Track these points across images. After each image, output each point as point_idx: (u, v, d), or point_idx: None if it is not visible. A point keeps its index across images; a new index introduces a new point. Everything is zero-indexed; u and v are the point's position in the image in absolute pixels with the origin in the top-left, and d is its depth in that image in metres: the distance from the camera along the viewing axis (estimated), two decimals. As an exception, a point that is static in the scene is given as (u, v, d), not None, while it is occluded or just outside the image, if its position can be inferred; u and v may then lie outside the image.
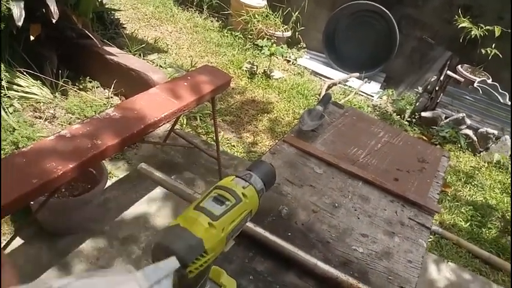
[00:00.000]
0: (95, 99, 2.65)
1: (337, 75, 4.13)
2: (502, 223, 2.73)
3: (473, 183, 3.02)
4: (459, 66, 4.07)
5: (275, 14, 4.35)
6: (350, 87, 4.02)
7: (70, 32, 2.62)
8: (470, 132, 3.44)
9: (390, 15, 3.91)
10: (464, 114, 3.49)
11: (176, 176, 2.36)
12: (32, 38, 2.29)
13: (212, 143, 2.67)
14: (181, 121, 2.77)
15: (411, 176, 1.37)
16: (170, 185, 1.01)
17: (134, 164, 2.33)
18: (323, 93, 3.31)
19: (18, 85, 2.42)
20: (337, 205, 1.15)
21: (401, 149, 1.53)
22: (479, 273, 2.33)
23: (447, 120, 3.53)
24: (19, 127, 2.18)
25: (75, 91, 2.66)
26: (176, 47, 3.81)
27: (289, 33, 4.34)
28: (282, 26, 4.32)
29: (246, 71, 3.69)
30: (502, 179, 3.16)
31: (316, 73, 4.15)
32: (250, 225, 0.93)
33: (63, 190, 1.86)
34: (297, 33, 4.40)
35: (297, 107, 3.40)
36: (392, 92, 4.07)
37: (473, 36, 3.74)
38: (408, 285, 0.96)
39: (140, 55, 3.23)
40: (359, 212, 1.15)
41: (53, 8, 2.25)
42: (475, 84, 3.94)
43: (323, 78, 4.11)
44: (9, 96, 2.36)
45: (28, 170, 1.23)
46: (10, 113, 2.26)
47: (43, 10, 2.36)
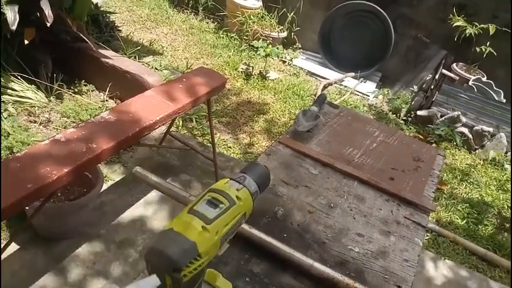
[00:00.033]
0: (91, 102, 2.65)
1: (333, 75, 4.14)
2: (498, 220, 2.74)
3: (469, 181, 3.03)
4: (454, 65, 4.09)
5: (270, 15, 4.36)
6: (345, 87, 4.03)
7: (65, 35, 2.61)
8: (465, 130, 3.46)
9: (386, 14, 3.93)
10: (459, 112, 3.51)
11: (172, 178, 2.36)
12: (26, 42, 2.29)
13: (208, 144, 2.67)
14: (177, 123, 2.77)
15: (406, 175, 1.38)
16: (166, 188, 1.00)
17: (130, 167, 2.32)
18: (319, 93, 3.32)
19: (13, 89, 2.41)
20: (333, 205, 1.15)
21: (396, 148, 1.53)
22: (476, 270, 2.34)
23: (442, 118, 3.54)
24: (14, 132, 2.17)
25: (70, 95, 2.65)
26: (171, 49, 3.80)
27: (284, 34, 4.34)
28: (278, 27, 4.32)
29: (241, 72, 3.70)
30: (497, 176, 3.17)
31: (312, 73, 4.16)
32: (245, 226, 0.93)
33: (59, 194, 1.85)
34: (292, 33, 4.40)
35: (293, 107, 3.41)
36: (387, 91, 4.08)
37: (467, 35, 3.76)
38: (405, 284, 0.96)
39: (135, 58, 3.23)
40: (354, 212, 1.15)
41: (47, 11, 2.25)
42: (470, 83, 3.96)
43: (319, 78, 4.11)
44: (3, 101, 2.35)
45: (23, 175, 1.23)
46: (4, 118, 2.25)
47: (37, 14, 2.36)
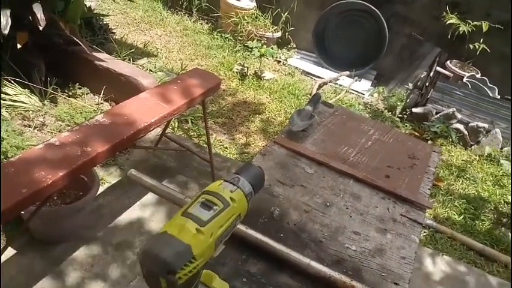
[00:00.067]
0: (85, 105, 2.64)
1: (328, 74, 4.14)
2: (495, 215, 2.75)
3: (465, 177, 3.04)
4: (448, 62, 4.11)
5: (264, 15, 4.36)
6: (340, 85, 4.04)
7: (58, 38, 2.60)
8: (461, 127, 3.48)
9: (380, 13, 3.94)
10: (454, 109, 3.53)
11: (169, 180, 2.35)
12: (19, 46, 2.27)
13: (204, 145, 2.67)
14: (173, 124, 2.76)
15: (402, 173, 1.38)
16: (160, 191, 1.00)
17: (126, 170, 2.31)
18: (314, 92, 3.32)
19: (6, 94, 2.40)
20: (329, 204, 1.16)
21: (391, 146, 1.54)
22: (474, 265, 2.35)
23: (438, 115, 3.56)
24: (8, 136, 2.16)
25: (64, 98, 2.64)
26: (166, 51, 3.79)
27: (279, 34, 4.35)
28: (272, 27, 4.32)
29: (236, 73, 3.69)
30: (493, 171, 3.19)
31: (307, 73, 4.16)
32: (242, 227, 0.93)
33: (55, 198, 1.85)
34: (287, 33, 4.41)
35: (288, 107, 3.41)
36: (382, 89, 4.10)
37: (461, 32, 3.78)
38: (402, 281, 0.97)
39: (129, 60, 3.22)
40: (350, 210, 1.16)
41: (39, 15, 2.23)
42: (464, 79, 3.98)
43: (314, 77, 4.12)
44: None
45: (17, 179, 1.22)
46: (-1, 122, 2.24)
47: (30, 17, 2.35)
